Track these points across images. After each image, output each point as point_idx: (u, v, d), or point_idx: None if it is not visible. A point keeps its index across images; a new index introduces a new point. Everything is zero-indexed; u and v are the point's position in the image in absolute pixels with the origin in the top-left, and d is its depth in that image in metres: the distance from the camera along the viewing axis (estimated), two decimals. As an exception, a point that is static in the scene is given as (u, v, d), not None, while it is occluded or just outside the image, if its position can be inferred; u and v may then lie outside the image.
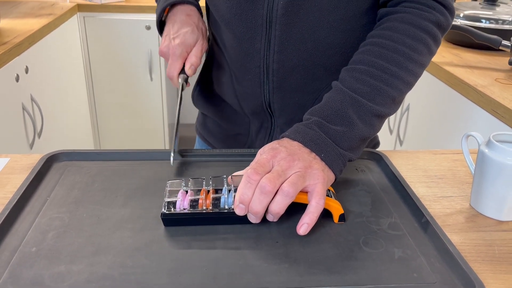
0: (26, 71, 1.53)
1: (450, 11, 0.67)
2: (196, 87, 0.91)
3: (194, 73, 0.76)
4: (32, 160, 0.70)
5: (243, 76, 0.77)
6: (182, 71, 0.75)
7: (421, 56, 0.65)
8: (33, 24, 1.66)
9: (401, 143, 1.61)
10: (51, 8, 1.94)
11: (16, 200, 0.57)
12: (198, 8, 0.80)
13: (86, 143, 2.22)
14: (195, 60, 0.75)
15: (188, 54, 0.75)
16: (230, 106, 0.84)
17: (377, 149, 0.77)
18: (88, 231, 0.54)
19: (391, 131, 1.68)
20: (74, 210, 0.58)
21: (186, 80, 0.75)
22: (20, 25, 1.63)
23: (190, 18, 0.77)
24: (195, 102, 0.91)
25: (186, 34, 0.74)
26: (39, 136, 1.63)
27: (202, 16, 0.80)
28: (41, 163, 0.66)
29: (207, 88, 0.88)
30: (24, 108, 1.51)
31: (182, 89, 0.74)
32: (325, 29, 0.70)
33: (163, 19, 0.80)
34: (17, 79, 1.46)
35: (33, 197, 0.60)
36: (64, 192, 0.62)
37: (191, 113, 2.97)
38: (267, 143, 0.81)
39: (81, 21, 2.09)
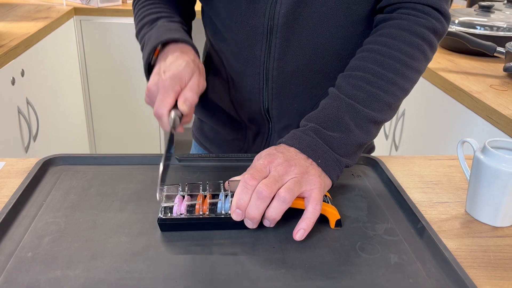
0: (22, 74, 1.52)
1: (446, 17, 0.68)
2: None
3: (190, 110, 0.61)
4: (28, 164, 0.70)
5: (241, 82, 0.77)
6: (174, 108, 0.61)
7: (417, 62, 0.66)
8: (30, 27, 1.65)
9: (396, 148, 1.62)
10: (47, 11, 1.94)
11: (11, 205, 0.57)
12: (194, 47, 0.69)
13: (81, 147, 2.21)
14: (191, 95, 0.61)
15: (181, 89, 0.62)
16: (225, 113, 0.84)
17: (373, 155, 0.77)
18: (84, 236, 0.54)
19: (386, 136, 1.69)
20: (70, 215, 0.58)
21: (180, 118, 0.60)
22: (17, 28, 1.63)
23: (185, 54, 0.65)
24: None
25: (180, 67, 0.62)
26: (35, 139, 1.62)
27: (199, 56, 0.69)
28: (37, 167, 0.66)
29: (202, 94, 0.88)
30: (19, 112, 1.50)
31: (174, 128, 0.59)
32: (324, 36, 0.70)
33: (151, 62, 0.68)
34: (13, 82, 1.46)
35: (29, 202, 0.60)
36: (60, 197, 0.61)
37: (187, 117, 2.92)
38: (264, 148, 0.82)
39: (78, 25, 2.09)
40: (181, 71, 0.62)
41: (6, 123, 1.43)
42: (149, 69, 0.68)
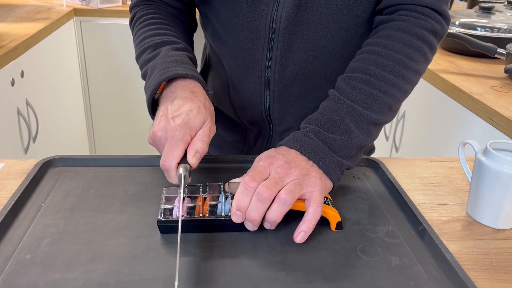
0: (22, 75, 1.52)
1: (446, 19, 0.68)
2: None
3: (198, 163, 0.58)
4: (27, 165, 0.70)
5: (242, 86, 0.77)
6: (183, 160, 0.57)
7: (417, 64, 0.65)
8: (29, 28, 1.65)
9: (397, 149, 1.62)
10: (47, 12, 1.94)
11: (10, 206, 0.57)
12: (204, 84, 0.64)
13: (81, 148, 2.21)
14: (202, 146, 0.57)
15: (191, 139, 0.58)
16: (225, 115, 0.84)
17: (374, 156, 0.77)
18: (83, 238, 0.54)
19: (387, 138, 1.68)
20: (70, 217, 0.57)
21: (189, 172, 0.56)
22: (16, 29, 1.63)
23: (195, 95, 0.60)
24: None
25: (190, 113, 0.58)
26: (34, 140, 1.62)
27: (208, 95, 0.64)
28: (36, 168, 0.66)
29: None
30: (19, 113, 1.50)
31: (184, 185, 0.55)
32: (325, 38, 0.70)
33: (156, 97, 0.64)
34: (13, 83, 1.45)
35: (28, 203, 0.60)
36: (59, 198, 0.61)
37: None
38: (265, 150, 0.81)
39: (78, 26, 2.08)
40: (192, 119, 0.58)
41: (6, 124, 1.42)
42: (152, 104, 0.64)
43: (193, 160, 0.57)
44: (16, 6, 2.02)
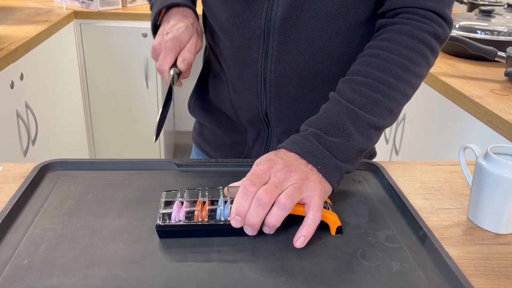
0: (21, 78, 1.52)
1: (448, 23, 0.67)
2: (192, 96, 0.90)
3: (187, 68, 0.72)
4: (25, 169, 0.69)
5: (240, 85, 0.77)
6: (174, 66, 0.72)
7: (419, 67, 0.65)
8: (29, 30, 1.65)
9: (397, 153, 1.61)
10: (47, 14, 1.94)
11: (8, 211, 0.56)
12: (195, 11, 0.78)
13: (81, 151, 2.21)
14: (189, 55, 0.72)
15: (181, 49, 0.72)
16: (226, 115, 0.83)
17: (374, 160, 0.77)
18: (81, 242, 0.53)
19: (387, 141, 1.68)
20: (68, 221, 0.57)
21: (178, 74, 0.71)
22: (16, 32, 1.62)
23: (186, 17, 0.75)
24: (191, 110, 0.91)
25: (180, 30, 0.72)
26: (33, 143, 1.61)
27: (198, 19, 0.78)
28: (34, 172, 0.66)
29: (203, 97, 0.88)
30: (18, 115, 1.50)
31: (173, 83, 0.70)
32: (323, 40, 0.70)
33: (157, 23, 0.78)
34: (12, 86, 1.45)
35: (25, 207, 0.59)
36: (57, 202, 0.61)
37: (188, 121, 2.98)
38: (264, 152, 0.81)
39: (78, 28, 2.08)
40: (181, 34, 0.71)
41: (5, 127, 1.42)
42: (155, 29, 0.78)
43: (181, 65, 0.71)
44: (15, 9, 2.02)
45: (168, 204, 0.57)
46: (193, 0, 0.83)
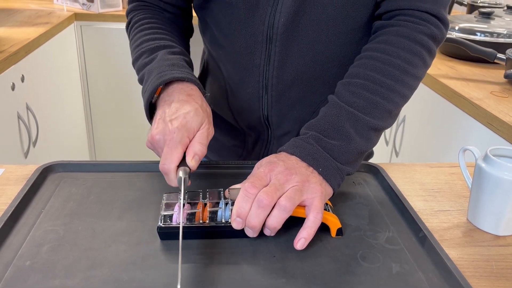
0: (22, 79, 1.52)
1: (444, 24, 0.68)
2: None
3: (197, 165, 0.58)
4: (27, 171, 0.70)
5: (240, 90, 0.77)
6: (182, 162, 0.57)
7: (416, 69, 0.65)
8: (30, 32, 1.65)
9: (397, 154, 1.62)
10: (48, 16, 1.94)
11: (10, 212, 0.57)
12: (200, 86, 0.64)
13: (81, 153, 2.21)
14: (200, 148, 0.57)
15: (190, 141, 0.58)
16: (224, 120, 0.84)
17: (374, 162, 0.77)
18: (83, 244, 0.54)
19: (387, 143, 1.68)
20: (69, 223, 0.57)
21: (188, 175, 0.56)
22: (17, 34, 1.63)
23: (192, 98, 0.60)
24: None
25: (188, 116, 0.58)
26: (34, 145, 1.62)
27: (206, 99, 0.64)
28: (36, 174, 0.66)
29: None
30: (19, 117, 1.50)
31: (184, 188, 0.55)
32: (323, 43, 0.70)
33: (153, 101, 0.64)
34: (13, 88, 1.46)
35: (27, 209, 0.60)
36: (59, 204, 0.61)
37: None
38: (263, 155, 0.81)
39: (78, 30, 2.09)
40: (190, 121, 0.58)
41: (6, 129, 1.42)
42: (150, 109, 0.64)
43: (192, 162, 0.57)
44: (16, 11, 2.02)
45: (169, 206, 0.57)
46: (191, 65, 0.70)
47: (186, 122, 0.57)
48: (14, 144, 1.49)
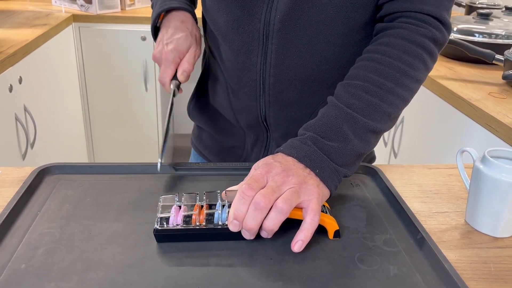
0: (20, 81, 1.52)
1: (447, 27, 0.68)
2: (192, 100, 0.90)
3: (187, 79, 0.75)
4: (23, 173, 0.69)
5: (239, 89, 0.77)
6: (175, 77, 0.75)
7: (417, 71, 0.65)
8: (28, 34, 1.65)
9: (395, 155, 1.61)
10: (46, 18, 1.94)
11: (6, 215, 0.56)
12: (193, 15, 0.80)
13: (79, 154, 2.21)
14: (188, 66, 0.74)
15: (181, 60, 0.75)
16: (225, 119, 0.84)
17: (372, 163, 0.77)
18: (79, 247, 0.53)
19: (385, 144, 1.68)
20: (65, 225, 0.57)
21: (178, 86, 0.74)
22: (15, 35, 1.63)
23: (184, 24, 0.76)
24: (190, 114, 0.91)
25: (179, 40, 0.74)
26: (32, 146, 1.61)
27: (196, 23, 0.80)
28: (32, 176, 0.66)
29: (203, 101, 0.88)
30: (17, 119, 1.50)
31: (174, 95, 0.73)
32: (321, 44, 0.70)
33: (157, 25, 0.79)
34: (10, 90, 1.45)
35: (23, 212, 0.59)
36: (55, 207, 0.61)
37: (188, 124, 2.97)
38: (262, 156, 0.81)
39: (76, 32, 2.09)
40: (181, 44, 0.74)
41: (3, 130, 1.42)
42: (155, 31, 0.80)
43: (181, 77, 0.74)
44: (14, 12, 2.02)
45: (166, 208, 0.57)
46: (193, 2, 0.84)
47: (178, 45, 0.74)
48: (12, 146, 1.48)
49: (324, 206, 0.59)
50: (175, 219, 0.55)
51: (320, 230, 0.56)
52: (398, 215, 0.62)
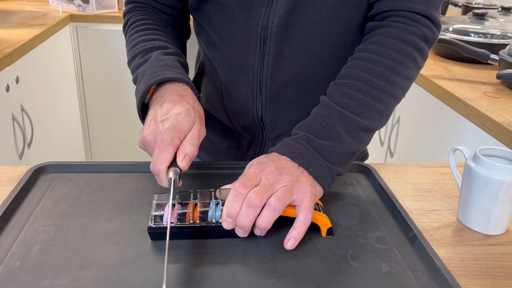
0: (17, 81, 1.52)
1: (436, 25, 0.68)
2: None
3: (189, 166, 0.58)
4: (19, 172, 0.70)
5: (235, 91, 0.77)
6: (173, 163, 0.57)
7: (408, 70, 0.66)
8: (25, 34, 1.65)
9: (391, 155, 1.62)
10: (43, 18, 1.94)
11: (1, 213, 0.57)
12: (193, 86, 0.64)
13: (76, 154, 2.21)
14: (191, 149, 0.57)
15: (181, 142, 0.58)
16: (220, 121, 0.84)
17: (367, 162, 0.77)
18: (74, 245, 0.54)
19: (382, 143, 1.69)
20: (60, 224, 0.57)
21: (179, 176, 0.56)
22: (12, 35, 1.63)
23: (184, 98, 0.60)
24: None
25: (179, 116, 0.58)
26: (29, 146, 1.62)
27: (199, 99, 0.65)
28: (28, 175, 0.66)
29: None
30: (14, 119, 1.50)
31: (175, 189, 0.55)
32: (317, 44, 0.70)
33: (145, 101, 0.64)
34: (8, 89, 1.45)
35: (18, 210, 0.60)
36: (50, 205, 0.61)
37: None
38: (257, 156, 0.81)
39: (74, 32, 2.09)
40: (181, 122, 0.58)
41: (0, 130, 1.42)
42: (142, 110, 0.64)
43: (183, 163, 0.57)
44: (12, 12, 2.02)
45: (160, 206, 0.57)
46: (186, 67, 0.71)
47: (177, 123, 0.57)
48: (9, 145, 1.48)
49: (317, 204, 0.60)
50: (168, 217, 0.55)
51: (313, 228, 0.57)
52: (391, 213, 0.63)
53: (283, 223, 0.56)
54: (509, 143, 1.01)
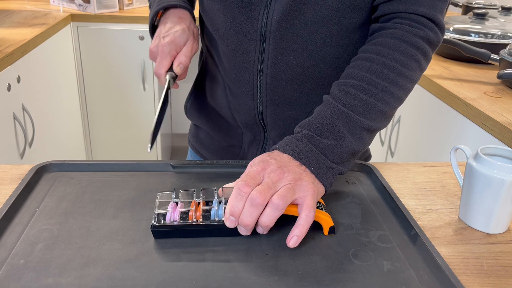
0: (18, 80, 1.52)
1: (440, 28, 0.68)
2: (189, 98, 0.91)
3: (183, 72, 0.73)
4: (22, 170, 0.70)
5: (236, 89, 0.77)
6: (171, 69, 0.73)
7: (412, 71, 0.66)
8: (26, 33, 1.66)
9: (392, 154, 1.62)
10: (44, 17, 1.94)
11: (4, 212, 0.57)
12: (191, 12, 0.79)
13: (78, 153, 2.21)
14: (184, 59, 0.73)
15: (177, 53, 0.73)
16: (223, 118, 0.84)
17: (369, 162, 0.77)
18: (77, 243, 0.54)
19: (382, 143, 1.69)
20: (64, 222, 0.58)
21: (174, 78, 0.73)
22: (13, 35, 1.63)
23: (182, 20, 0.76)
24: (188, 113, 0.91)
25: (176, 33, 0.73)
26: (30, 145, 1.62)
27: (195, 21, 0.79)
28: (31, 173, 0.66)
29: (200, 99, 0.88)
30: (15, 118, 1.50)
31: (169, 87, 0.71)
32: (318, 43, 0.70)
33: (155, 23, 0.79)
34: (9, 89, 1.46)
35: (22, 209, 0.60)
36: (53, 203, 0.61)
37: (185, 123, 2.98)
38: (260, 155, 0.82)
39: (75, 31, 2.09)
40: (177, 38, 0.72)
41: (2, 130, 1.42)
42: (153, 29, 0.79)
43: (177, 69, 0.72)
44: (13, 12, 2.02)
45: (163, 204, 0.57)
46: (191, 2, 0.84)
47: (174, 38, 0.72)
48: (10, 144, 1.49)
49: (319, 202, 0.60)
50: (172, 216, 0.56)
51: (315, 226, 0.57)
52: (393, 212, 0.63)
53: (286, 221, 0.56)
54: (510, 143, 1.01)
